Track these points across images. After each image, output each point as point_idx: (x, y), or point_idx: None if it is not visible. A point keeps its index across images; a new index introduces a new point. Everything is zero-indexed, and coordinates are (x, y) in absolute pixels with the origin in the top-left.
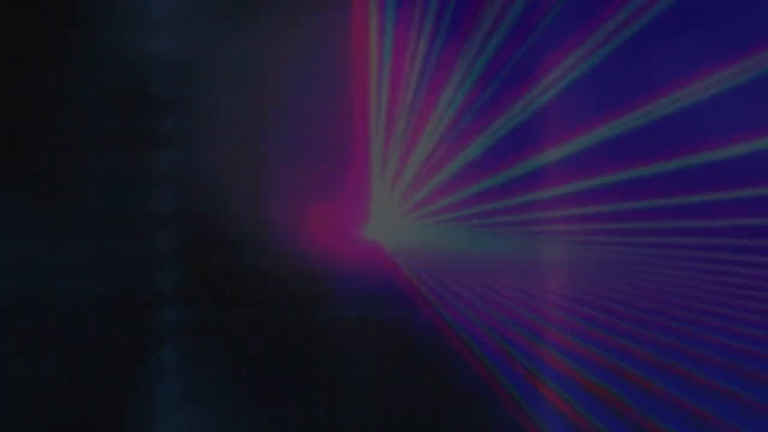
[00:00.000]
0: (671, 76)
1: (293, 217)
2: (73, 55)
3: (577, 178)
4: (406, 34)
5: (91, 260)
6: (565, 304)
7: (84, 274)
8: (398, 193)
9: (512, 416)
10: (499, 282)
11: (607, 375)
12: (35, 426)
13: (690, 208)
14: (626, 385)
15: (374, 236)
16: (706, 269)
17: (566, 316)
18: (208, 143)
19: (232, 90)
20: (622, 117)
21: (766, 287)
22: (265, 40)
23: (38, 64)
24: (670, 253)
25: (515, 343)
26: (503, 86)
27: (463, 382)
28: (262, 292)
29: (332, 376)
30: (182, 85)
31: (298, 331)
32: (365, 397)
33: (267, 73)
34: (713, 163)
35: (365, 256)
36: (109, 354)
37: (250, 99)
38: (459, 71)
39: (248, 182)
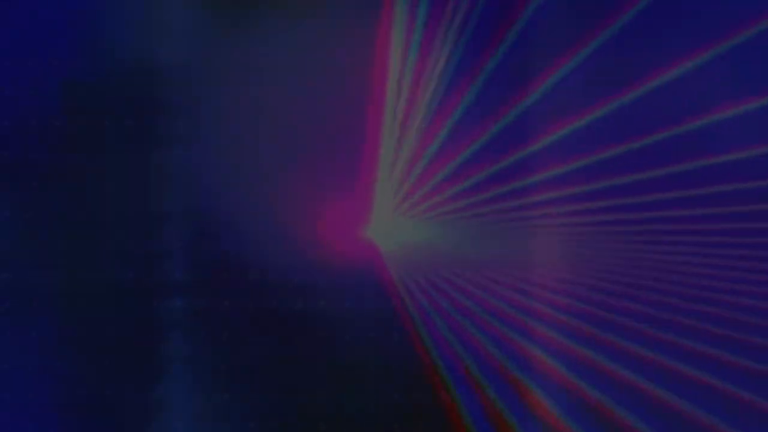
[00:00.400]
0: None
1: (297, 213)
2: (92, 62)
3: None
4: (419, 35)
5: (108, 251)
6: (558, 299)
7: (102, 264)
8: (402, 193)
9: (496, 404)
10: (491, 277)
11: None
12: (47, 410)
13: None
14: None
15: (374, 235)
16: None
17: (557, 311)
18: (217, 143)
19: (241, 92)
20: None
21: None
22: (273, 42)
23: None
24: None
25: (501, 339)
26: (510, 87)
27: (454, 368)
28: (266, 283)
29: (333, 361)
30: (192, 89)
31: (299, 320)
32: (364, 381)
33: (277, 74)
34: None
35: (365, 252)
36: (122, 340)
37: (260, 100)
38: (469, 72)
39: (256, 179)
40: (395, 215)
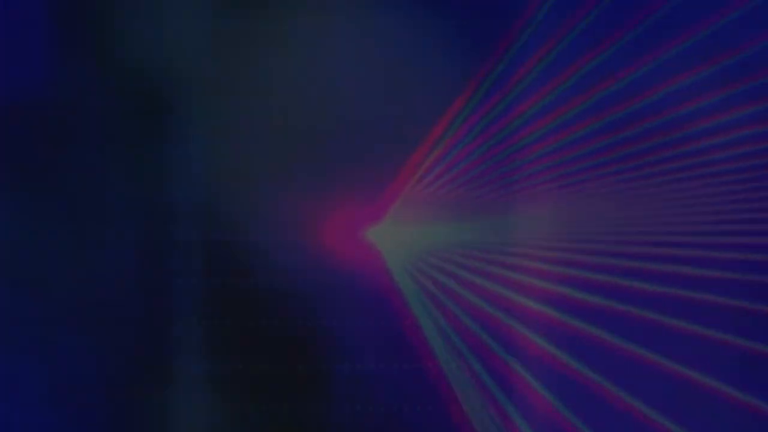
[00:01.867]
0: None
1: (307, 207)
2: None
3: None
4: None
5: (117, 241)
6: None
7: (112, 252)
8: (420, 201)
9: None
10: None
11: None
12: (59, 394)
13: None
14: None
15: (377, 239)
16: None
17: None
18: (233, 142)
19: (259, 94)
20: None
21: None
22: (282, 42)
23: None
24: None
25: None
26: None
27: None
28: (269, 265)
29: (331, 331)
30: (202, 88)
31: (301, 295)
32: (360, 347)
33: (287, 74)
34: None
35: (366, 251)
36: (133, 325)
37: (280, 102)
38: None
39: (266, 176)
40: (405, 224)
